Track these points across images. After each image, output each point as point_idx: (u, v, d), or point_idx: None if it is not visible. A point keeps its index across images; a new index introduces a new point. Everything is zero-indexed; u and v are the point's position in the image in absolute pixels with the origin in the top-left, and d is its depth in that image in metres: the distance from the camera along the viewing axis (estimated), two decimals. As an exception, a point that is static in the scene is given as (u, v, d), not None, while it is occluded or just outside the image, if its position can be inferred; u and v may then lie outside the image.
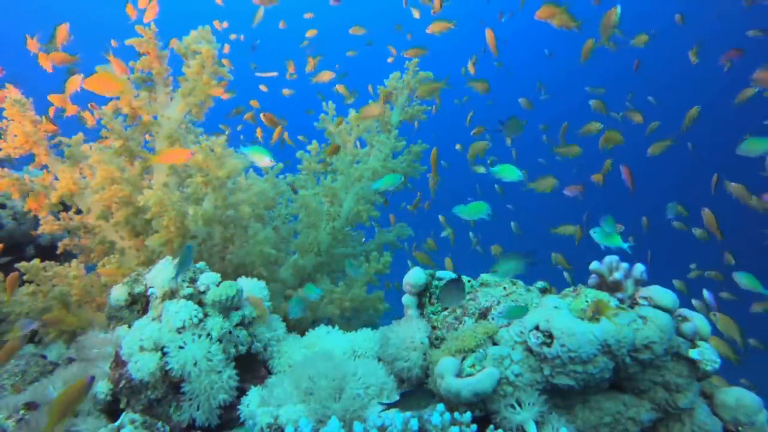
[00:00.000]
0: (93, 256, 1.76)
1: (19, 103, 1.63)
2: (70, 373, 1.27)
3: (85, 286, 1.65)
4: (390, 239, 2.17)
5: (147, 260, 1.66)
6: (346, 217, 1.93)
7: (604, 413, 1.11)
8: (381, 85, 2.03)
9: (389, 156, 1.98)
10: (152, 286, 1.33)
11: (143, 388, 1.19)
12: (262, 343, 1.36)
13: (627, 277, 1.26)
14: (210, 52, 1.70)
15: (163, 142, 1.73)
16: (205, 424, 1.18)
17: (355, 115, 2.00)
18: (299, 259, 1.88)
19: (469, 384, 1.07)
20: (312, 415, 1.07)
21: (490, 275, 1.39)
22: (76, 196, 1.71)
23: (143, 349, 1.18)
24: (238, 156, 1.67)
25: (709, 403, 1.18)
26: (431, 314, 1.41)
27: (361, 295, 1.82)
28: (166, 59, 1.76)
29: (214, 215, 1.64)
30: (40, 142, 1.68)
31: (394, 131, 2.00)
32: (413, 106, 2.02)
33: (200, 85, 1.71)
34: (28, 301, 1.61)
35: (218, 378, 1.19)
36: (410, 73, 1.98)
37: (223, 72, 1.75)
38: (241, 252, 1.74)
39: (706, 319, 1.19)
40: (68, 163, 1.72)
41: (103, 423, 1.16)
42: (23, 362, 1.46)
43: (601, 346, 1.06)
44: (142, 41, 1.70)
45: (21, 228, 2.08)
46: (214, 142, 1.59)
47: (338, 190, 1.93)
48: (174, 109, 1.75)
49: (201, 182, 1.61)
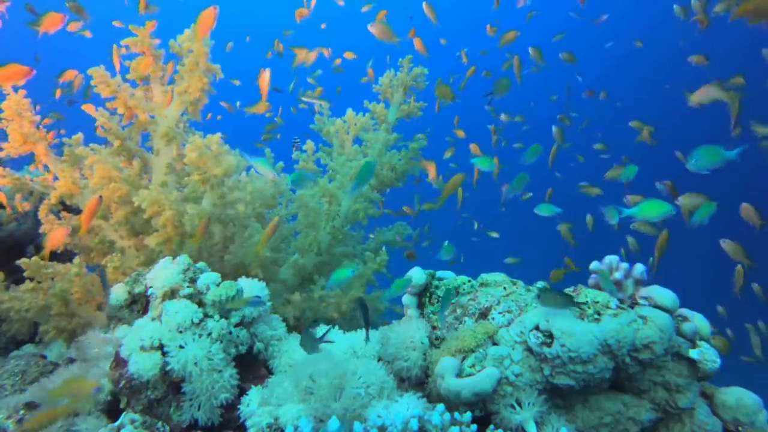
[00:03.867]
0: (93, 256, 1.76)
1: (17, 104, 1.62)
2: (70, 373, 1.27)
3: (86, 284, 1.65)
4: (390, 238, 2.17)
5: (147, 260, 1.66)
6: (345, 216, 1.93)
7: (604, 413, 1.11)
8: (376, 84, 2.03)
9: (383, 150, 1.98)
10: (152, 286, 1.33)
11: (143, 388, 1.19)
12: (263, 343, 1.36)
13: (627, 277, 1.26)
14: (202, 50, 1.70)
15: (161, 141, 1.73)
16: (207, 424, 1.18)
17: (352, 114, 2.00)
18: (299, 259, 1.88)
19: (469, 384, 1.07)
20: (312, 415, 1.07)
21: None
22: (76, 196, 1.70)
23: (143, 348, 1.18)
24: (236, 154, 1.67)
25: (709, 403, 1.18)
26: (431, 314, 1.41)
27: (360, 295, 1.82)
28: (162, 58, 1.75)
29: (213, 214, 1.64)
30: (40, 142, 1.68)
31: (385, 126, 2.00)
32: (409, 102, 2.02)
33: (194, 82, 1.70)
34: (28, 297, 1.60)
35: (219, 377, 1.19)
36: (404, 70, 1.98)
37: (216, 69, 1.75)
38: (240, 252, 1.73)
39: (706, 320, 1.20)
40: (68, 163, 1.72)
41: (103, 423, 1.16)
42: (23, 362, 1.46)
43: (601, 346, 1.06)
44: (137, 41, 1.69)
45: (21, 228, 2.07)
46: (210, 139, 1.58)
47: (336, 190, 1.93)
48: (170, 107, 1.74)
49: (198, 180, 1.61)
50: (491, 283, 1.39)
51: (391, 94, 2.01)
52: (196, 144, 1.56)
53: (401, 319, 1.47)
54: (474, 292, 1.37)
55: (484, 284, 1.40)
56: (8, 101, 1.63)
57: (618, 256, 1.30)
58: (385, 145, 2.00)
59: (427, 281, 1.45)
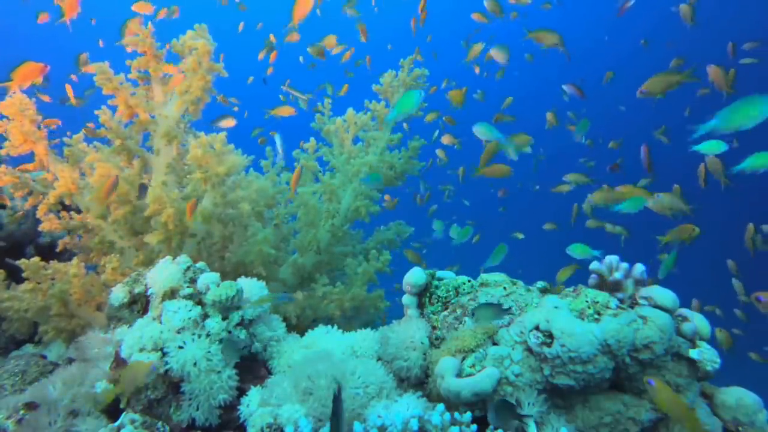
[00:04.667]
0: (92, 256, 1.76)
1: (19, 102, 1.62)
2: (69, 373, 1.27)
3: (85, 284, 1.65)
4: (389, 237, 2.17)
5: (146, 260, 1.66)
6: (345, 215, 1.93)
7: (604, 413, 1.11)
8: (377, 84, 2.03)
9: (385, 150, 1.99)
10: (152, 286, 1.33)
11: (143, 388, 1.19)
12: (262, 343, 1.35)
13: (627, 277, 1.26)
14: (206, 48, 1.70)
15: (161, 140, 1.73)
16: (206, 424, 1.18)
17: (352, 113, 2.00)
18: (299, 258, 1.87)
19: (469, 384, 1.07)
20: (312, 415, 1.07)
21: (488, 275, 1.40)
22: (76, 196, 1.70)
23: (143, 349, 1.18)
24: (238, 153, 1.67)
25: (709, 403, 1.18)
26: (431, 314, 1.41)
27: (361, 294, 1.82)
28: (163, 58, 1.75)
29: (214, 213, 1.64)
30: (40, 141, 1.67)
31: (389, 126, 2.01)
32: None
33: (196, 81, 1.70)
34: (27, 298, 1.60)
35: (218, 378, 1.19)
36: (405, 71, 1.99)
37: (219, 68, 1.74)
38: (240, 251, 1.73)
39: (706, 320, 1.20)
40: (68, 163, 1.72)
41: (103, 423, 1.16)
42: (23, 362, 1.46)
43: (601, 346, 1.06)
44: (138, 40, 1.69)
45: (21, 228, 2.08)
46: (214, 138, 1.58)
47: (336, 188, 1.93)
48: (171, 107, 1.74)
49: (200, 179, 1.60)
50: (491, 283, 1.39)
51: (392, 94, 2.01)
52: (201, 141, 1.56)
53: (401, 318, 1.47)
54: (474, 292, 1.37)
55: (484, 284, 1.40)
56: (12, 99, 1.63)
57: (618, 256, 1.30)
58: (387, 145, 2.00)
59: (427, 281, 1.45)
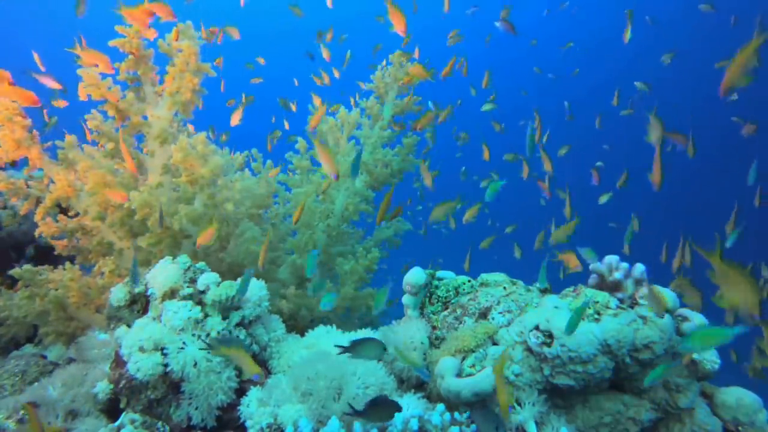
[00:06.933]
0: (91, 257, 1.76)
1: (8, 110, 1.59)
2: (69, 374, 1.27)
3: (82, 287, 1.64)
4: (388, 235, 2.16)
5: (145, 260, 1.65)
6: (340, 215, 1.93)
7: (604, 413, 1.11)
8: (369, 82, 2.03)
9: (377, 147, 1.97)
10: (152, 286, 1.33)
11: (143, 388, 1.19)
12: (262, 344, 1.35)
13: (627, 277, 1.26)
14: (192, 49, 1.68)
15: (155, 142, 1.72)
16: (201, 424, 1.18)
17: (345, 113, 2.00)
18: (297, 259, 1.87)
19: (469, 384, 1.07)
20: (312, 415, 1.07)
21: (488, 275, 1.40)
22: (72, 199, 1.69)
23: (143, 349, 1.18)
24: (224, 153, 1.65)
25: (709, 403, 1.18)
26: (431, 314, 1.41)
27: (351, 293, 1.82)
28: (151, 59, 1.74)
29: (205, 214, 1.63)
30: (33, 146, 1.65)
31: (380, 123, 1.99)
32: (404, 99, 2.02)
33: (185, 82, 1.69)
34: (25, 304, 1.60)
35: (217, 378, 1.19)
36: (396, 65, 1.97)
37: (206, 68, 1.73)
38: (235, 251, 1.73)
39: (706, 319, 1.20)
40: (63, 166, 1.71)
41: (103, 423, 1.16)
42: (23, 362, 1.46)
43: (601, 346, 1.06)
44: (125, 42, 1.67)
45: (21, 228, 2.08)
46: (196, 139, 1.57)
47: (330, 188, 1.92)
48: (163, 108, 1.73)
49: (186, 181, 1.60)
50: (491, 283, 1.39)
51: (385, 90, 2.00)
52: (181, 144, 1.54)
53: (401, 318, 1.47)
54: (474, 292, 1.37)
55: (484, 284, 1.40)
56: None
57: (618, 256, 1.30)
58: (379, 142, 1.99)
59: (427, 281, 1.45)
